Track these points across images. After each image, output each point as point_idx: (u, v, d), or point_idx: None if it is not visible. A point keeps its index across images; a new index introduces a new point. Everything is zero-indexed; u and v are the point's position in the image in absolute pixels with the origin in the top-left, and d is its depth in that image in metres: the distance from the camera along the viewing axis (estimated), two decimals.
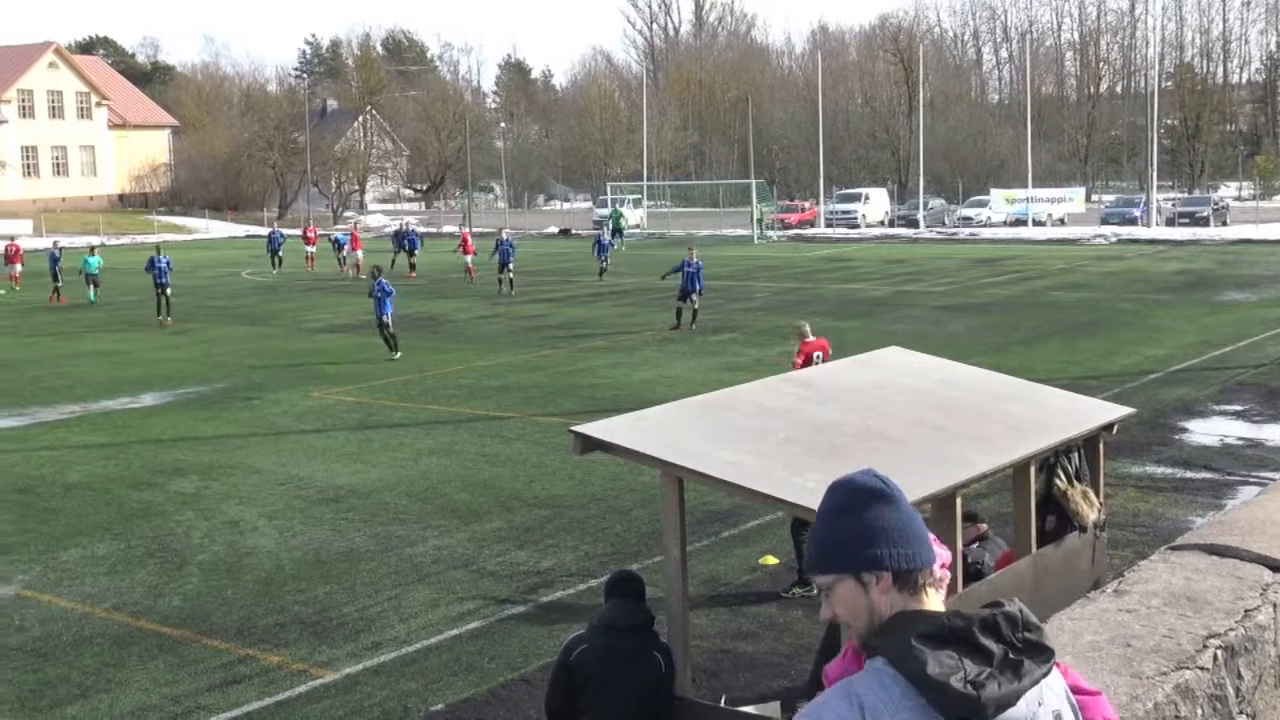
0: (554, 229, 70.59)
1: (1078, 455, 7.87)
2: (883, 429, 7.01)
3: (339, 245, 48.36)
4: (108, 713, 8.89)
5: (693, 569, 9.31)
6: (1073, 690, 2.40)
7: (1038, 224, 60.83)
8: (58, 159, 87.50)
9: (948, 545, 6.76)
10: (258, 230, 72.27)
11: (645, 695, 6.15)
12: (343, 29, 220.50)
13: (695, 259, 27.89)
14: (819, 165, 68.39)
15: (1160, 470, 14.76)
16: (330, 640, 10.09)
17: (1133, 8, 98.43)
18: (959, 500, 6.78)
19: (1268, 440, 16.36)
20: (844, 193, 71.29)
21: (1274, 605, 4.08)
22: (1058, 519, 7.81)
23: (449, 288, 39.63)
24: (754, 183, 64.18)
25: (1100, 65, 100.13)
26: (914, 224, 63.75)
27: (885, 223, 66.31)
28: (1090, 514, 7.81)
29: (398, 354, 24.69)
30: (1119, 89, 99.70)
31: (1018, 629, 2.23)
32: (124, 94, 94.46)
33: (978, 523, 8.05)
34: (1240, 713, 3.72)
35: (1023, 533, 7.57)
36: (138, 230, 77.14)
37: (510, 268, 36.74)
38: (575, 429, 6.57)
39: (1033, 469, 7.52)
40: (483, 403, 19.92)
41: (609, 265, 41.43)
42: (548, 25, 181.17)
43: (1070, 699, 2.35)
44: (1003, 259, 45.78)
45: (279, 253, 48.02)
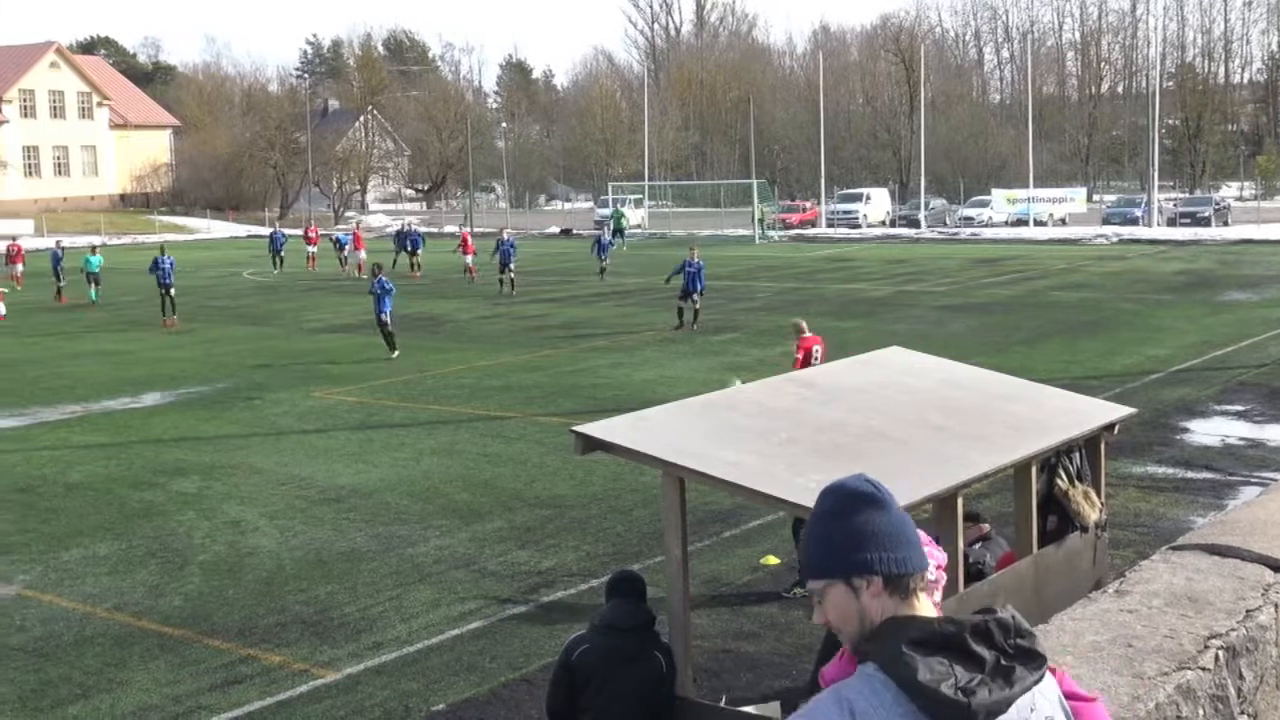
0: (555, 229, 70.59)
1: (1079, 455, 7.88)
2: (884, 429, 7.01)
3: (340, 245, 48.61)
4: (109, 713, 8.90)
5: (694, 569, 9.31)
6: (1068, 697, 2.38)
7: (1039, 224, 60.81)
8: (59, 159, 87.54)
9: (949, 545, 6.76)
10: (259, 230, 72.29)
11: (646, 695, 6.14)
12: (344, 29, 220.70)
13: (696, 259, 27.92)
14: (820, 165, 68.40)
15: (1161, 470, 14.76)
16: (331, 640, 10.10)
17: (1134, 8, 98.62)
18: (960, 500, 6.78)
19: (1269, 440, 16.35)
20: (845, 193, 71.27)
21: (1275, 605, 4.08)
22: (1059, 519, 7.81)
23: (450, 288, 39.63)
24: (755, 183, 64.16)
25: (1101, 65, 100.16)
26: (915, 224, 63.76)
27: (886, 223, 66.27)
28: (1091, 514, 7.81)
29: (395, 353, 24.76)
30: (1120, 89, 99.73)
31: (1009, 635, 2.22)
32: (125, 94, 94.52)
33: (980, 523, 8.05)
34: (1242, 713, 3.72)
35: (1024, 533, 7.57)
36: (139, 230, 77.19)
37: (511, 268, 36.76)
38: (576, 429, 6.58)
39: (1034, 469, 7.52)
40: (484, 403, 19.92)
41: (609, 265, 41.44)
42: (549, 25, 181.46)
43: (1064, 705, 2.34)
44: (1004, 259, 45.78)
45: (281, 253, 48.09)
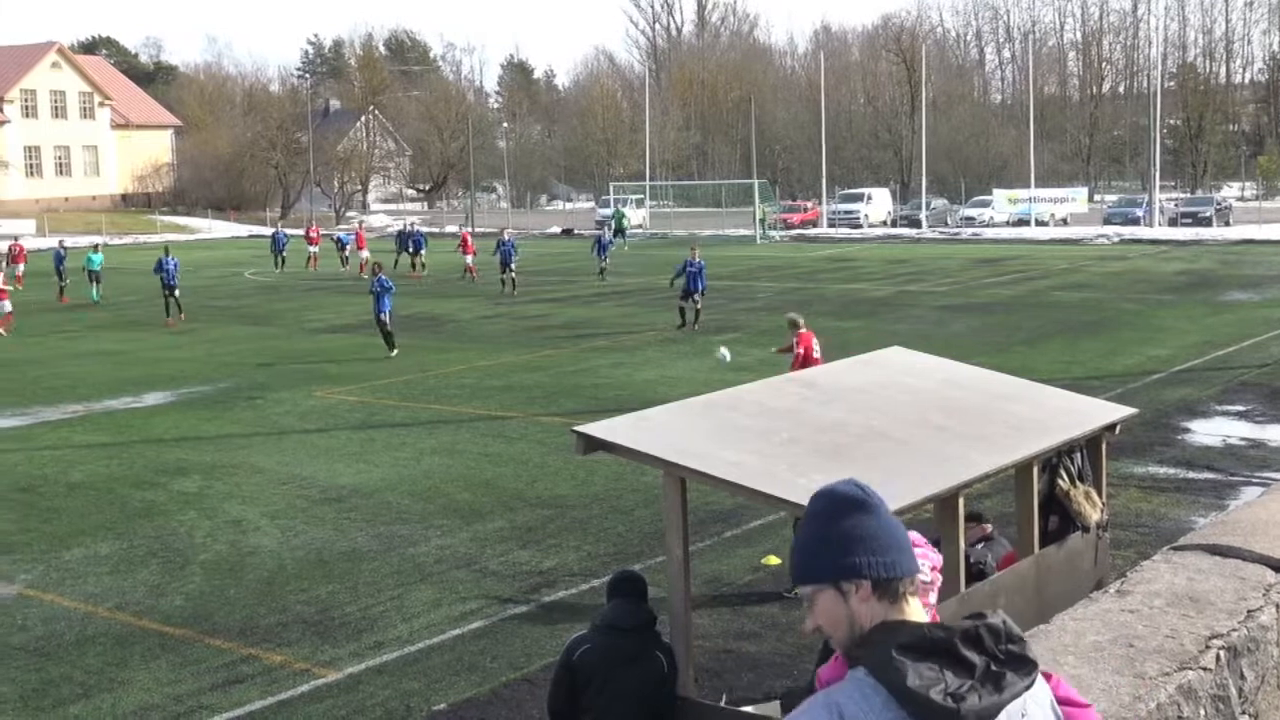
0: (556, 229, 70.62)
1: (1080, 455, 7.88)
2: (886, 429, 7.02)
3: (342, 245, 48.86)
4: (110, 712, 8.90)
5: (695, 569, 9.32)
6: (1063, 702, 2.37)
7: (1040, 224, 60.78)
8: (60, 159, 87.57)
9: (950, 545, 6.76)
10: (261, 230, 72.34)
11: (648, 695, 6.14)
12: (345, 29, 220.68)
13: (698, 259, 27.94)
14: (821, 165, 68.40)
15: (1163, 470, 14.75)
16: (333, 640, 10.10)
17: (1135, 8, 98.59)
18: (961, 500, 6.78)
19: (1270, 440, 16.34)
20: (846, 193, 71.28)
21: (1276, 606, 4.08)
22: (1060, 519, 7.81)
23: (451, 288, 39.64)
24: (756, 183, 64.16)
25: (1103, 65, 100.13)
26: (916, 224, 63.75)
27: (888, 223, 66.28)
28: (1093, 514, 7.81)
29: (394, 352, 24.80)
30: (1121, 89, 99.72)
31: (1000, 641, 2.21)
32: (127, 94, 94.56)
33: (982, 523, 8.05)
34: (1243, 713, 3.72)
35: (1025, 533, 7.57)
36: (141, 230, 77.24)
37: (512, 268, 36.77)
38: (578, 429, 6.58)
39: (1035, 469, 7.52)
40: (485, 402, 19.92)
41: (609, 265, 41.44)
42: (550, 25, 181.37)
43: (1056, 711, 2.33)
44: (1005, 259, 45.76)
45: (283, 252, 48.15)
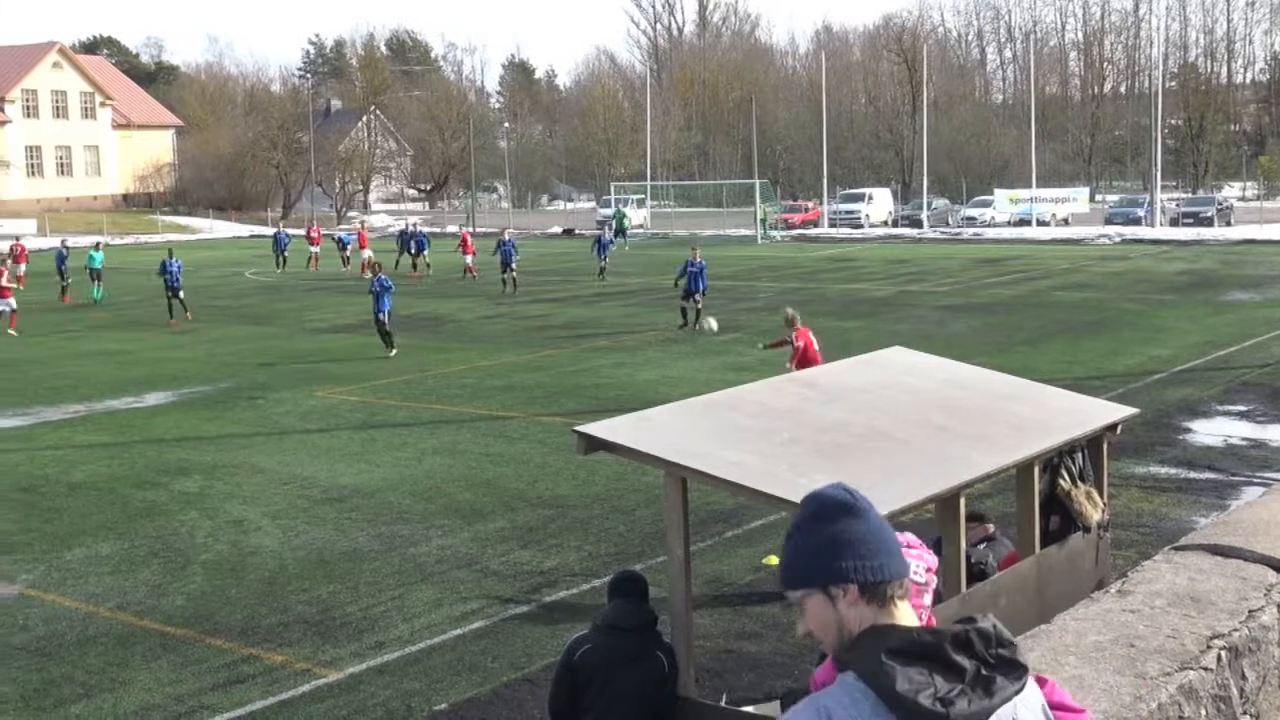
0: (557, 229, 70.61)
1: (1081, 455, 7.87)
2: (887, 429, 7.01)
3: (343, 245, 48.96)
4: (111, 712, 8.90)
5: (696, 569, 9.32)
6: (1056, 707, 2.36)
7: (1041, 224, 60.77)
8: (62, 159, 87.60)
9: (952, 545, 6.76)
10: (262, 230, 72.36)
11: (648, 695, 6.14)
12: (347, 29, 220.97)
13: (699, 259, 27.96)
14: (823, 165, 68.41)
15: (1164, 471, 14.74)
16: (334, 640, 10.10)
17: (1137, 8, 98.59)
18: (963, 500, 6.78)
19: (1272, 440, 16.33)
20: (848, 193, 71.26)
21: (1278, 606, 4.08)
22: (1061, 519, 7.81)
23: (452, 288, 39.64)
24: (758, 183, 64.18)
25: (1104, 65, 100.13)
26: (918, 224, 63.74)
27: (889, 223, 66.26)
28: (1094, 514, 7.81)
29: (393, 351, 24.83)
30: (1123, 89, 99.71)
31: (990, 645, 2.20)
32: (128, 94, 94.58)
33: (985, 523, 8.04)
34: (1244, 713, 3.72)
35: (1026, 533, 7.57)
36: (142, 230, 77.28)
37: (513, 267, 36.77)
38: (579, 429, 6.57)
39: (1036, 469, 7.52)
40: (486, 402, 19.92)
41: (608, 265, 41.44)
42: (551, 25, 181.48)
43: (1048, 715, 2.32)
44: (1006, 259, 45.75)
45: (284, 252, 48.17)
